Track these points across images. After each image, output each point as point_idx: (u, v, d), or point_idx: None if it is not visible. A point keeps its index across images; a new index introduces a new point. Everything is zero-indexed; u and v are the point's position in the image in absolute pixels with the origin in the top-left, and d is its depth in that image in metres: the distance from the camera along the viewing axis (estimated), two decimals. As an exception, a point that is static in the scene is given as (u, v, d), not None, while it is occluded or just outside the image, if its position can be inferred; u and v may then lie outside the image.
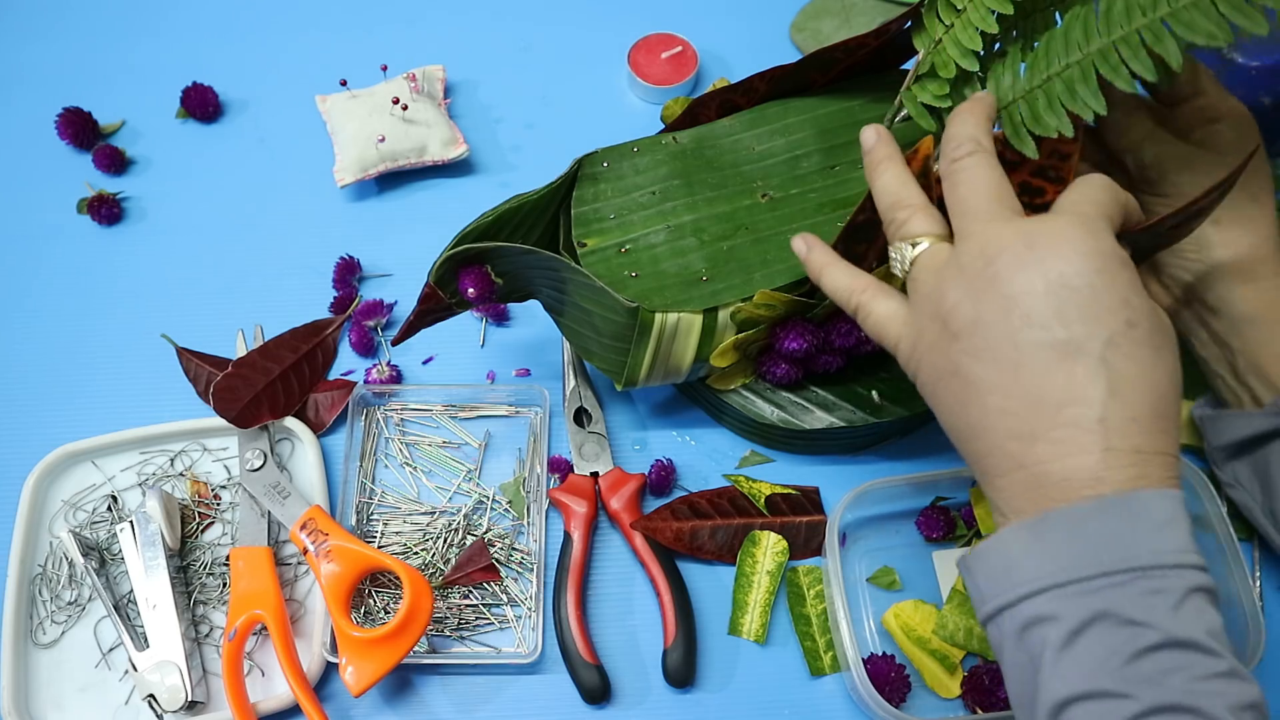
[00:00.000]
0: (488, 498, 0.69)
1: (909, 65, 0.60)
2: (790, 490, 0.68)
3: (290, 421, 0.69)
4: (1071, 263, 0.42)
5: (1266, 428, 0.59)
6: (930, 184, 0.54)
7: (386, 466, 0.70)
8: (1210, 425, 0.63)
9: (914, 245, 0.47)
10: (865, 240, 0.57)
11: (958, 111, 0.50)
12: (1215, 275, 0.59)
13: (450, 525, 0.67)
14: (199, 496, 0.68)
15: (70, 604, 0.65)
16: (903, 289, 0.50)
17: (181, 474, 0.69)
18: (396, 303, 0.76)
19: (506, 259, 0.58)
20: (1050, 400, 0.41)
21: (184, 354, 0.73)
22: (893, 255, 0.49)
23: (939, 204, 0.51)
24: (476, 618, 0.65)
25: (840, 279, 0.51)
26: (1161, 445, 0.41)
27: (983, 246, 0.44)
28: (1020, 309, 0.42)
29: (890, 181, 0.50)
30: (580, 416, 0.71)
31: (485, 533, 0.67)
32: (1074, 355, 0.41)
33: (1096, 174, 0.47)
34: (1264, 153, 0.58)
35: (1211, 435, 0.63)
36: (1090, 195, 0.45)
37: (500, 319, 0.76)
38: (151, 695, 0.60)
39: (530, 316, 0.77)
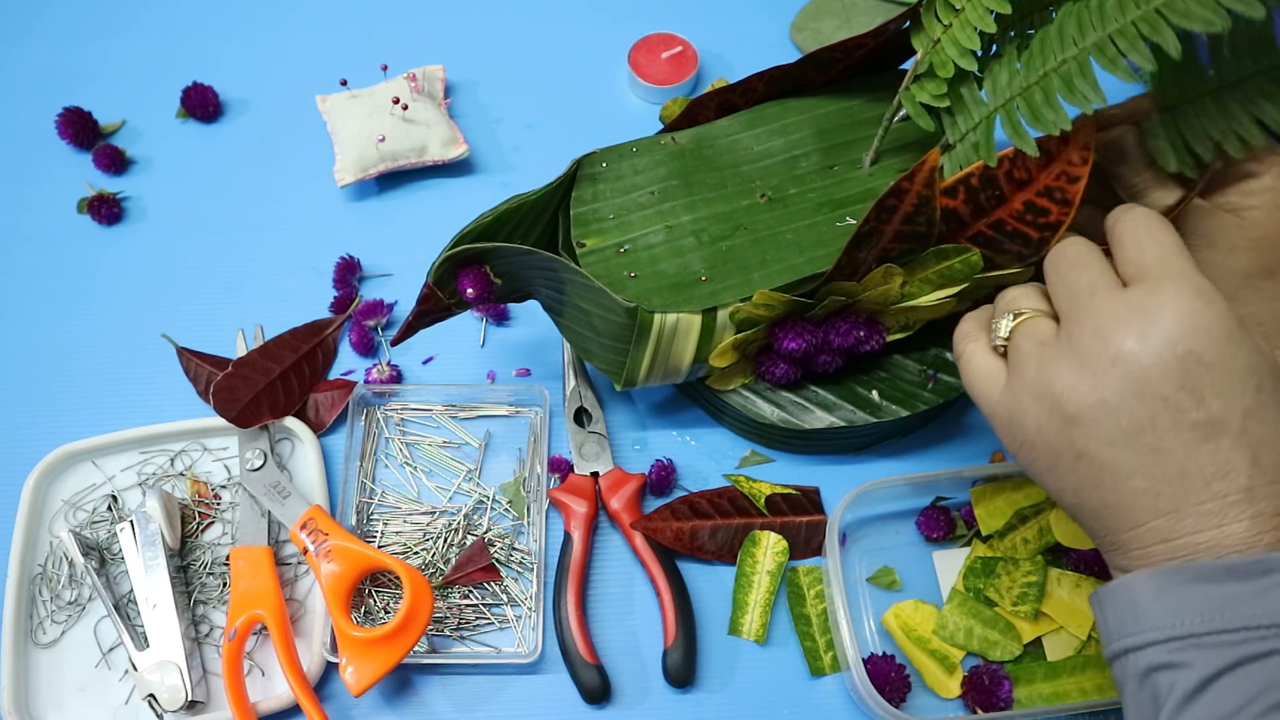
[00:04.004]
0: (488, 498, 0.69)
1: (908, 65, 0.60)
2: (790, 490, 0.68)
3: (290, 421, 0.69)
4: (1199, 337, 0.41)
5: None
6: (935, 194, 0.54)
7: (386, 466, 0.70)
8: None
9: (1016, 316, 0.47)
10: (867, 247, 0.57)
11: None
12: None
13: (450, 525, 0.67)
14: (199, 496, 0.68)
15: (70, 604, 0.65)
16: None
17: (181, 474, 0.69)
18: (397, 303, 0.76)
19: (505, 259, 0.58)
20: (1196, 478, 0.40)
21: (184, 354, 0.73)
22: (994, 328, 0.49)
23: (907, 219, 0.51)
24: (476, 618, 0.65)
25: (970, 317, 0.51)
26: None
27: (1098, 325, 0.42)
28: (1153, 391, 0.41)
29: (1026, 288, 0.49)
30: (580, 416, 0.71)
31: (485, 533, 0.67)
32: (1217, 434, 0.40)
33: (1148, 214, 0.46)
34: None
35: None
36: (1176, 248, 0.44)
37: (500, 319, 0.76)
38: (151, 695, 0.60)
39: (530, 316, 0.77)
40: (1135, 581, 0.41)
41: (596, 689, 0.62)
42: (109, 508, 0.68)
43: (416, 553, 0.67)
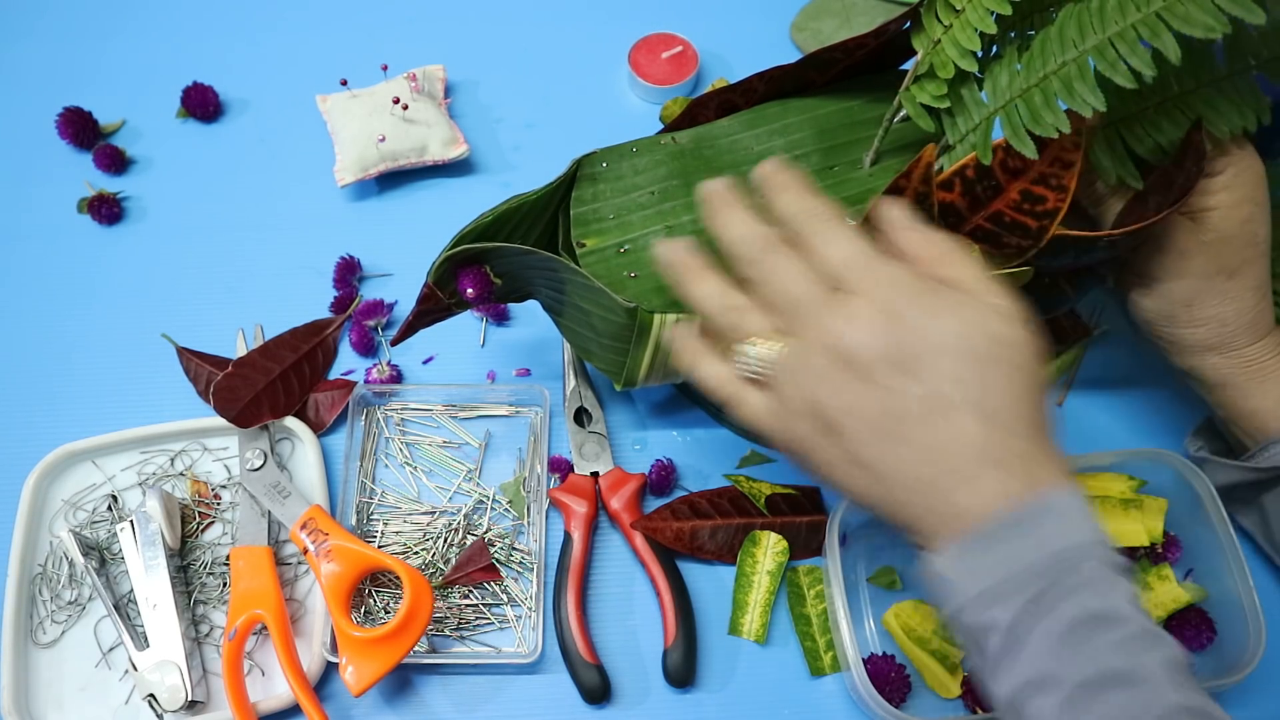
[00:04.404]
0: (488, 497, 0.69)
1: (908, 65, 0.60)
2: (790, 490, 0.68)
3: (290, 421, 0.69)
4: (898, 323, 0.44)
5: (1246, 479, 0.62)
6: (932, 190, 0.54)
7: (387, 466, 0.70)
8: (1203, 467, 0.65)
9: (754, 345, 0.48)
10: None
11: (728, 216, 0.50)
12: (1186, 350, 0.62)
13: (450, 525, 0.67)
14: (199, 496, 0.68)
15: (70, 604, 0.65)
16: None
17: (182, 473, 0.69)
18: (397, 302, 0.76)
19: (505, 259, 0.58)
20: (945, 450, 0.43)
21: (184, 354, 0.73)
22: (738, 360, 0.49)
23: (933, 218, 0.52)
24: (476, 618, 0.65)
25: (714, 372, 0.51)
26: (1042, 443, 0.44)
27: (822, 340, 0.45)
28: (880, 383, 0.43)
29: (714, 289, 0.50)
30: (580, 416, 0.71)
31: (485, 532, 0.67)
32: (942, 405, 0.43)
33: (831, 220, 0.48)
34: (1252, 224, 0.58)
35: (1207, 475, 0.65)
36: (860, 248, 0.47)
37: (500, 319, 0.76)
38: (151, 695, 0.60)
39: (530, 316, 0.77)
40: (933, 559, 0.44)
41: (596, 689, 0.62)
42: (109, 508, 0.68)
43: (416, 553, 0.67)
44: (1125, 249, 0.59)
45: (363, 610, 0.65)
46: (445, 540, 0.67)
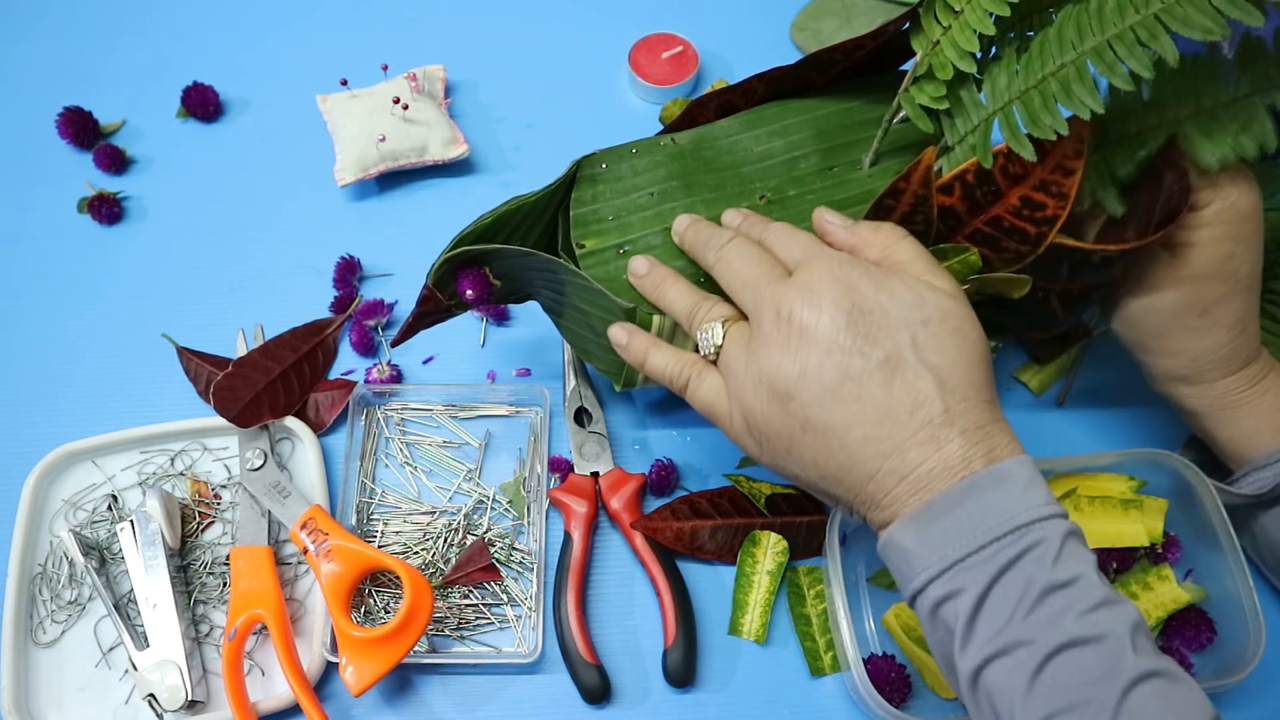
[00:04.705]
0: (488, 497, 0.69)
1: (907, 66, 0.60)
2: (790, 490, 0.68)
3: (290, 421, 0.69)
4: (853, 293, 0.47)
5: (1232, 502, 0.62)
6: (931, 192, 0.54)
7: (387, 466, 0.70)
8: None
9: (720, 324, 0.51)
10: None
11: (691, 223, 0.56)
12: (1157, 378, 0.63)
13: (450, 525, 0.67)
14: (199, 496, 0.68)
15: (70, 603, 0.65)
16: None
17: (182, 473, 0.69)
18: (397, 302, 0.76)
19: (505, 261, 0.58)
20: (899, 412, 0.45)
21: (184, 353, 0.73)
22: (700, 343, 0.52)
23: (905, 219, 0.54)
24: (476, 617, 0.65)
25: (667, 360, 0.55)
26: (995, 414, 0.46)
27: (775, 308, 0.48)
28: (836, 346, 0.46)
29: (681, 290, 0.54)
30: (580, 416, 0.71)
31: (485, 532, 0.67)
32: (899, 368, 0.45)
33: (782, 225, 0.53)
34: (1232, 263, 0.57)
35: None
36: (811, 239, 0.51)
37: (501, 319, 0.76)
38: (151, 695, 0.60)
39: (530, 316, 0.77)
40: (896, 532, 0.45)
41: (596, 689, 0.62)
42: (109, 507, 0.68)
43: (416, 552, 0.67)
44: (1119, 272, 0.59)
45: (363, 610, 0.65)
46: (445, 540, 0.67)
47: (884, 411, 0.45)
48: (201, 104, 0.84)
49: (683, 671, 0.63)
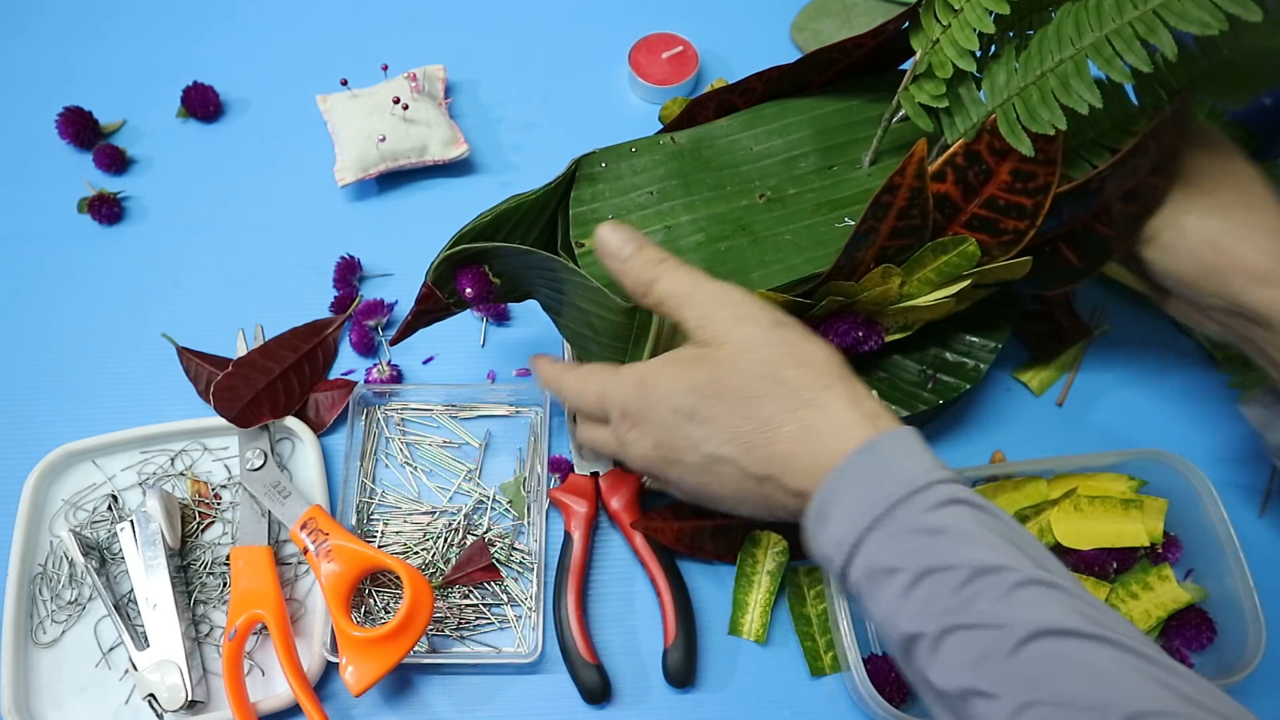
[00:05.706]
0: (488, 497, 0.69)
1: (907, 65, 0.60)
2: (790, 490, 0.68)
3: (290, 421, 0.69)
4: (678, 376, 0.51)
5: None
6: (926, 184, 0.54)
7: (387, 466, 0.70)
8: (1265, 425, 0.64)
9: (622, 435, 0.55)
10: (865, 246, 0.57)
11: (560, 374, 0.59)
12: (1236, 288, 0.56)
13: (450, 525, 0.67)
14: (199, 496, 0.68)
15: (70, 603, 0.65)
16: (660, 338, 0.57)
17: (182, 473, 0.69)
18: (397, 302, 0.76)
19: (504, 259, 0.58)
20: (817, 370, 0.49)
21: (184, 353, 0.73)
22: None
23: (902, 214, 0.54)
24: (476, 617, 0.65)
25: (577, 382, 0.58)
26: (868, 393, 0.50)
27: (623, 407, 0.53)
28: (676, 420, 0.51)
29: (584, 380, 0.57)
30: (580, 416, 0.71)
31: (485, 532, 0.67)
32: (779, 385, 0.49)
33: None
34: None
35: (1268, 434, 0.63)
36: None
37: (501, 319, 0.76)
38: (151, 695, 0.60)
39: (530, 316, 0.77)
40: (816, 497, 0.47)
41: (596, 689, 0.62)
42: (109, 507, 0.68)
43: (416, 553, 0.67)
44: (1113, 191, 0.58)
45: (363, 610, 0.65)
46: (445, 540, 0.67)
47: (796, 387, 0.48)
48: (201, 104, 0.84)
49: (683, 671, 0.63)
